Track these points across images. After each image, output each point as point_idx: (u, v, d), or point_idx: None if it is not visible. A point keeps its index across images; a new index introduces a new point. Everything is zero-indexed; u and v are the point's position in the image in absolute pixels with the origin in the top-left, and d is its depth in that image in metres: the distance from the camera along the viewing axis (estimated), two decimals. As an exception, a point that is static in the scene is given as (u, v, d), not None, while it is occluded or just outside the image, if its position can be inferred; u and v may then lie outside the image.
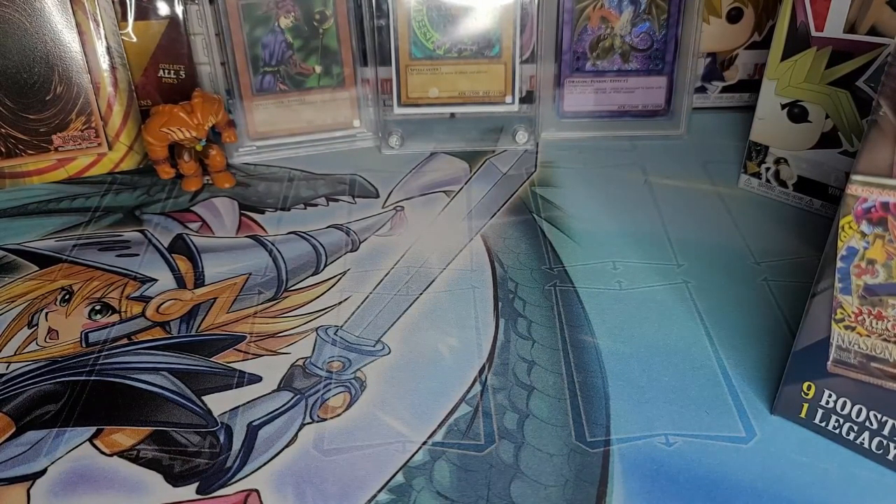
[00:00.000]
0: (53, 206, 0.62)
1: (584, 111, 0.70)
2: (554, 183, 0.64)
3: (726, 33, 0.70)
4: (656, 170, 0.65)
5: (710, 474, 0.40)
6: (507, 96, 0.67)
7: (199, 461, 0.41)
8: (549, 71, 0.68)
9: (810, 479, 0.39)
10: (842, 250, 0.36)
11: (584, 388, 0.45)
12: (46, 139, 0.63)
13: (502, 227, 0.59)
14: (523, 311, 0.50)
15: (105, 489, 0.40)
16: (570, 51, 0.68)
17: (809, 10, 0.53)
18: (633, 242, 0.56)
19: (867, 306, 0.36)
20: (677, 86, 0.68)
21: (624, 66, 0.68)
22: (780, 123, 0.58)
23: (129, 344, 0.48)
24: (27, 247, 0.57)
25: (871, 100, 0.52)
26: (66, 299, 0.52)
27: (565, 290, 0.52)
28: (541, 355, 0.47)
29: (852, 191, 0.35)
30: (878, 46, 0.51)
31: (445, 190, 0.63)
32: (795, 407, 0.41)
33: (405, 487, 0.39)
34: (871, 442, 0.39)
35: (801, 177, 0.58)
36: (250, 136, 0.67)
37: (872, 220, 0.35)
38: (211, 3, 0.64)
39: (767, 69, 0.57)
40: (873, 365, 0.37)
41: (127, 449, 0.42)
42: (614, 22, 0.67)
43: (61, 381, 0.46)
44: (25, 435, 0.42)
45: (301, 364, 0.47)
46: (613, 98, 0.69)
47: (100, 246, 0.57)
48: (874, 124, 0.33)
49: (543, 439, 0.42)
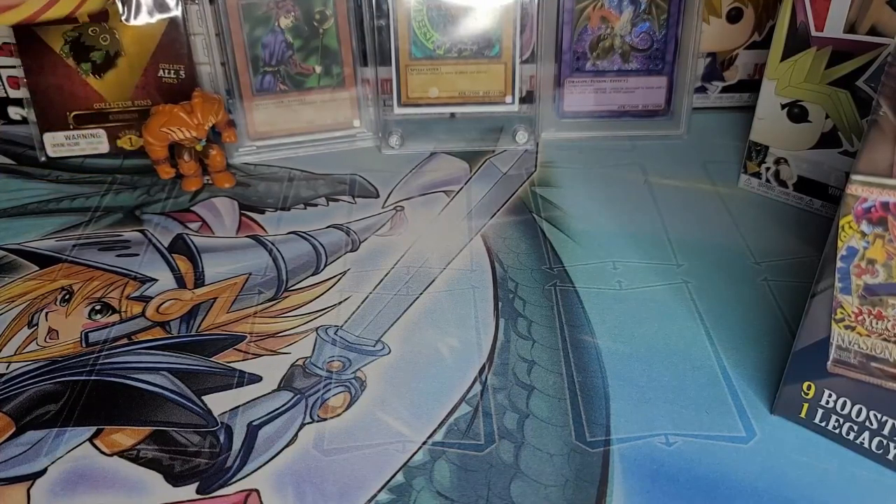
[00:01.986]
0: (53, 206, 0.62)
1: (584, 111, 0.70)
2: (554, 183, 0.64)
3: (726, 33, 0.70)
4: (656, 170, 0.65)
5: (710, 474, 0.40)
6: (507, 96, 0.67)
7: (199, 461, 0.41)
8: (549, 71, 0.68)
9: (810, 478, 0.39)
10: (842, 250, 0.36)
11: (584, 387, 0.45)
12: None
13: (502, 227, 0.59)
14: (523, 310, 0.50)
15: (105, 489, 0.40)
16: (570, 51, 0.68)
17: (809, 10, 0.53)
18: (633, 242, 0.56)
19: (867, 306, 0.36)
20: (677, 86, 0.68)
21: (624, 66, 0.68)
22: (780, 123, 0.58)
23: (129, 344, 0.48)
24: (27, 247, 0.57)
25: (871, 100, 0.52)
26: (66, 299, 0.52)
27: (565, 290, 0.52)
28: (541, 355, 0.47)
29: (852, 191, 0.35)
30: (878, 46, 0.51)
31: (445, 190, 0.63)
32: (795, 407, 0.41)
33: (405, 487, 0.39)
34: (872, 442, 0.39)
35: (801, 177, 0.58)
36: (250, 136, 0.67)
37: (872, 219, 0.35)
38: (211, 2, 0.64)
39: (767, 69, 0.57)
40: (873, 365, 0.37)
41: (127, 449, 0.42)
42: (614, 22, 0.67)
43: (61, 380, 0.46)
44: (25, 435, 0.42)
45: (301, 364, 0.47)
46: (613, 98, 0.69)
47: (100, 246, 0.57)
48: (874, 124, 0.33)
49: (543, 439, 0.42)
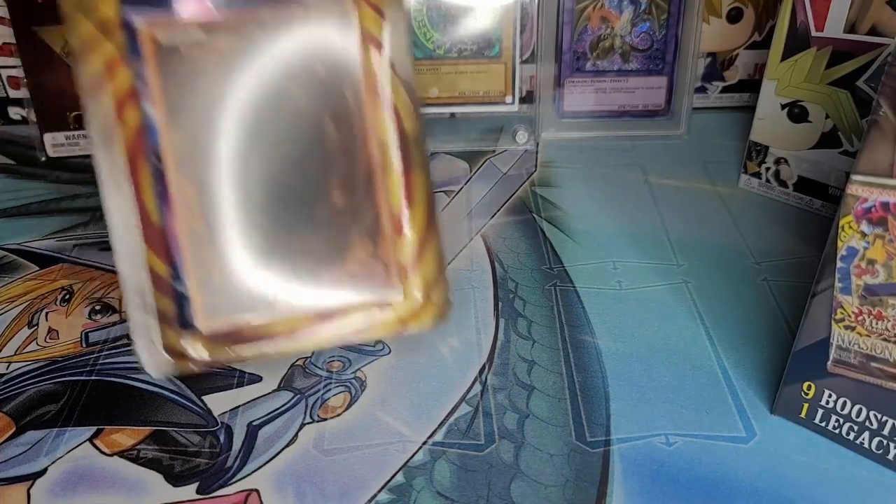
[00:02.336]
0: (54, 206, 0.62)
1: (584, 111, 0.70)
2: (554, 183, 0.64)
3: (726, 33, 0.70)
4: (656, 170, 0.65)
5: (710, 474, 0.40)
6: (507, 96, 0.67)
7: (200, 461, 0.41)
8: (549, 71, 0.68)
9: (810, 478, 0.39)
10: (842, 250, 0.36)
11: (584, 387, 0.45)
12: (314, 278, 0.36)
13: (502, 227, 0.59)
14: (523, 310, 0.50)
15: (105, 489, 0.39)
16: (570, 51, 0.68)
17: (809, 10, 0.53)
18: (633, 242, 0.56)
19: (867, 306, 0.36)
20: (677, 86, 0.68)
21: (624, 66, 0.68)
22: (780, 123, 0.58)
23: (129, 344, 0.48)
24: (27, 246, 0.57)
25: (871, 100, 0.52)
26: (66, 299, 0.52)
27: (565, 289, 0.52)
28: (541, 355, 0.47)
29: (852, 191, 0.35)
30: (878, 46, 0.51)
31: (445, 190, 0.63)
32: (795, 407, 0.41)
33: (405, 487, 0.39)
34: (872, 442, 0.39)
35: (801, 177, 0.58)
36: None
37: (872, 220, 0.35)
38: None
39: (767, 69, 0.57)
40: (873, 365, 0.37)
41: (127, 449, 0.42)
42: (614, 22, 0.67)
43: (61, 380, 0.46)
44: (25, 435, 0.42)
45: (301, 364, 0.47)
46: (613, 98, 0.69)
47: (100, 246, 0.57)
48: (874, 124, 0.33)
49: (543, 439, 0.42)
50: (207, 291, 0.35)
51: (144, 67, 0.33)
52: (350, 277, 0.35)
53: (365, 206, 0.36)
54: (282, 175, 0.35)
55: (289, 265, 0.35)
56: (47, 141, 0.66)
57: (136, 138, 0.34)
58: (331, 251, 0.35)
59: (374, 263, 0.35)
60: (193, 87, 0.34)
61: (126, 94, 0.33)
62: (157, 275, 0.35)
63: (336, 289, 0.35)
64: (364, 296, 0.35)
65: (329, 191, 0.35)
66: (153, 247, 0.34)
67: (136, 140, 0.34)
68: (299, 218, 0.35)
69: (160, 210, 0.34)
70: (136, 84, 0.33)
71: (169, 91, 0.34)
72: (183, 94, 0.34)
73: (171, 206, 0.34)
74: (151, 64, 0.33)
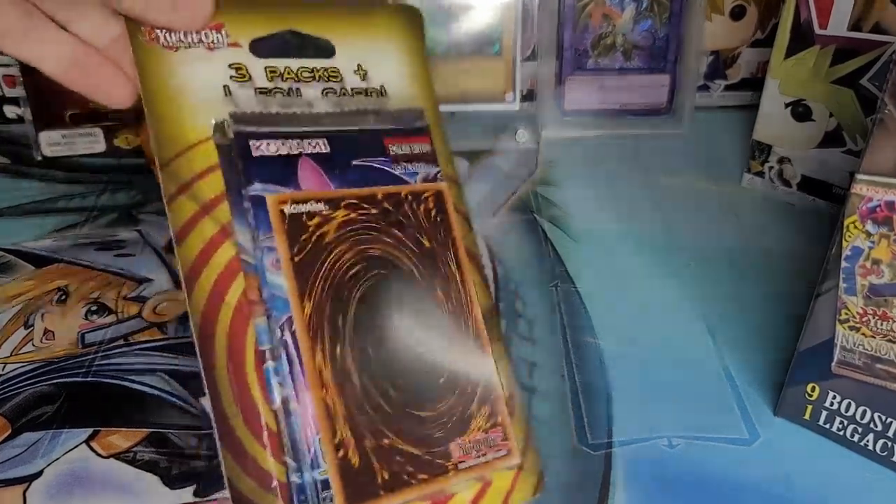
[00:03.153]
0: (50, 206, 0.61)
1: (585, 109, 0.69)
2: (555, 182, 0.63)
3: (729, 31, 0.70)
4: (658, 169, 0.65)
5: (713, 476, 0.39)
6: (508, 94, 0.66)
7: (197, 464, 0.41)
8: (550, 69, 0.68)
9: (814, 481, 0.39)
10: (846, 250, 0.36)
11: (585, 389, 0.44)
12: (442, 450, 0.33)
13: (503, 226, 0.58)
14: (524, 311, 0.50)
15: (101, 491, 0.39)
16: (572, 48, 0.67)
17: (813, 8, 0.53)
18: (635, 242, 0.56)
19: (872, 307, 0.36)
20: (680, 84, 0.68)
21: (626, 64, 0.68)
22: (783, 122, 0.57)
23: (125, 345, 0.48)
24: (23, 247, 0.57)
25: (875, 98, 0.51)
26: (62, 300, 0.52)
27: (566, 290, 0.52)
28: (542, 356, 0.47)
29: (857, 190, 0.35)
30: (882, 44, 0.50)
31: (445, 189, 0.63)
32: (799, 409, 0.41)
33: (404, 490, 0.39)
34: (876, 444, 0.39)
35: (804, 176, 0.58)
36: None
37: (877, 219, 0.35)
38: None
39: (771, 67, 0.57)
40: (878, 366, 0.37)
41: (123, 451, 0.41)
42: (616, 19, 0.66)
43: (57, 382, 0.45)
44: (21, 436, 0.42)
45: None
46: (615, 96, 0.69)
47: (96, 246, 0.57)
48: (879, 123, 0.33)
49: (545, 442, 0.41)
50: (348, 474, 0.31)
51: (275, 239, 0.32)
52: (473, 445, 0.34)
53: (477, 374, 0.36)
54: (404, 348, 0.34)
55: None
56: (43, 140, 0.66)
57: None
58: (454, 420, 0.34)
59: (494, 430, 0.35)
60: (319, 255, 0.33)
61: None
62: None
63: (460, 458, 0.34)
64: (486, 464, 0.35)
65: (447, 361, 0.35)
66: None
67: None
68: (426, 388, 0.34)
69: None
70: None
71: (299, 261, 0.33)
72: (312, 263, 0.33)
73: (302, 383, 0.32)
74: (280, 234, 0.32)
